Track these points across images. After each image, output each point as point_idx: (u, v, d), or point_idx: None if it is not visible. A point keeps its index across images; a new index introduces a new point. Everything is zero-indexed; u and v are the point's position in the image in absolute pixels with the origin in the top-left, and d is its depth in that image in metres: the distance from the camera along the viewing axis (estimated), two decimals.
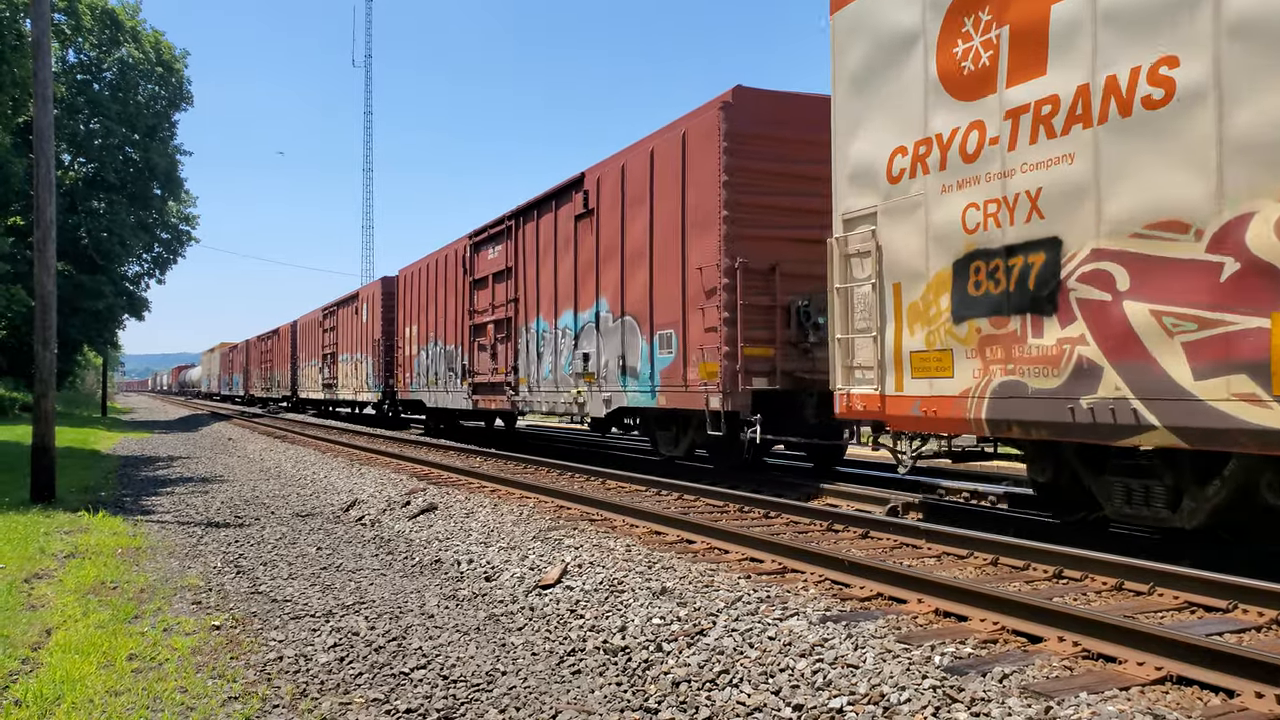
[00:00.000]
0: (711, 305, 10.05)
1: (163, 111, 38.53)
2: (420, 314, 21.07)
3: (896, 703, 3.75)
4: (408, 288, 22.40)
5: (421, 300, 21.00)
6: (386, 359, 24.33)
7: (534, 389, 14.65)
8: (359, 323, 27.37)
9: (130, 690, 4.43)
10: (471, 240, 17.54)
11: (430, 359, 20.12)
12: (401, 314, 22.97)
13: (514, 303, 15.46)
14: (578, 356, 13.07)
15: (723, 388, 9.80)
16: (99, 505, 10.71)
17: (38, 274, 11.32)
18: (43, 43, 11.29)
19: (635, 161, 11.78)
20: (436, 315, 19.77)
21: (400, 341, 22.83)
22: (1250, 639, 4.50)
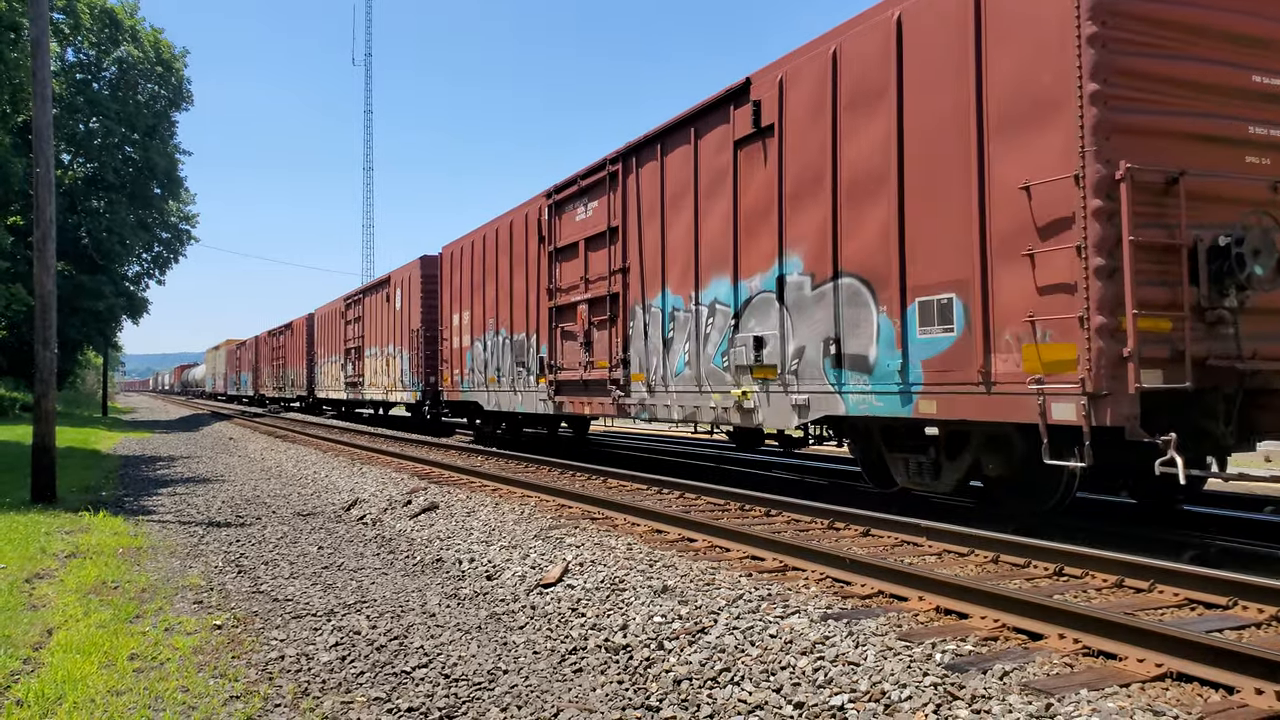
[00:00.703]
0: (1058, 248, 6.03)
1: (162, 111, 38.52)
2: (474, 297, 17.14)
3: (897, 700, 3.75)
4: (455, 267, 18.28)
5: (475, 280, 17.05)
6: (427, 352, 20.49)
7: (658, 388, 10.82)
8: (391, 312, 23.44)
9: (132, 690, 4.44)
10: (551, 199, 13.64)
11: (489, 351, 16.24)
12: (447, 299, 18.91)
13: (621, 274, 11.68)
14: (741, 342, 9.11)
15: (1092, 385, 5.79)
16: (100, 505, 10.72)
17: (37, 274, 11.32)
18: (41, 41, 11.29)
19: (860, 43, 7.73)
20: (498, 298, 15.80)
21: (445, 332, 18.90)
22: (1250, 636, 4.50)
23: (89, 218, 36.16)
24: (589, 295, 12.49)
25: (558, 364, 13.36)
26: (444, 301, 19.25)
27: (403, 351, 22.29)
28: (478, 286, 16.95)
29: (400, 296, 22.82)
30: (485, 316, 16.53)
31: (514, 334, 15.10)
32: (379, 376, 24.69)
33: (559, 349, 13.37)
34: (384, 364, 24.17)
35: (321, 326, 33.04)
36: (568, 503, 9.44)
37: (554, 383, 13.42)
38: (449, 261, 18.89)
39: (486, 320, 16.46)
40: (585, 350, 12.61)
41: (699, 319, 9.99)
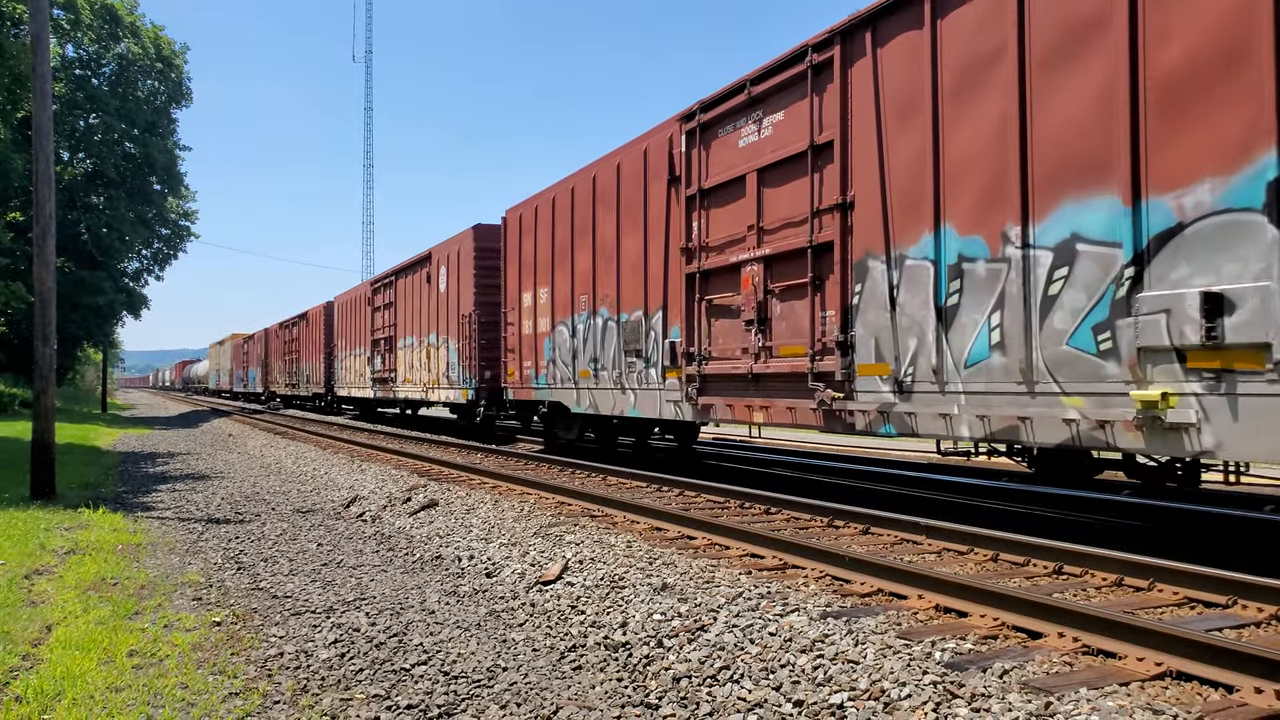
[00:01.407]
0: None
1: (162, 107, 38.52)
2: (555, 269, 13.67)
3: (897, 698, 3.75)
4: (526, 234, 14.75)
5: (558, 247, 13.56)
6: (483, 341, 17.13)
7: (921, 386, 7.11)
8: (433, 295, 19.97)
9: (131, 686, 4.43)
10: (691, 123, 9.97)
11: (581, 338, 12.82)
12: (514, 274, 15.32)
13: (837, 213, 7.93)
14: (1156, 305, 5.43)
15: None
16: (99, 501, 10.71)
17: (37, 270, 11.32)
18: (41, 38, 11.27)
19: None
20: (595, 267, 12.42)
21: (511, 315, 15.37)
22: (1250, 635, 4.50)
23: (89, 214, 36.16)
24: (765, 251, 8.87)
25: (702, 352, 9.88)
26: (509, 278, 15.54)
27: (449, 341, 18.78)
28: (562, 255, 13.41)
29: (446, 276, 19.17)
30: (575, 293, 13.01)
31: (621, 313, 11.66)
32: (416, 371, 21.22)
33: (703, 331, 9.87)
34: (423, 356, 20.71)
35: (343, 316, 29.47)
36: (567, 500, 9.44)
37: (695, 378, 9.92)
38: (516, 227, 15.20)
39: (577, 298, 12.96)
40: (757, 331, 8.99)
41: (1028, 271, 6.21)
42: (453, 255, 18.98)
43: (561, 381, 13.44)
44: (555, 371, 13.68)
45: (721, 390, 9.69)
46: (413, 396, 21.76)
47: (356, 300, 27.65)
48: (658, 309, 10.90)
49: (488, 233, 17.49)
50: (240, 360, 52.73)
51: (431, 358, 20.09)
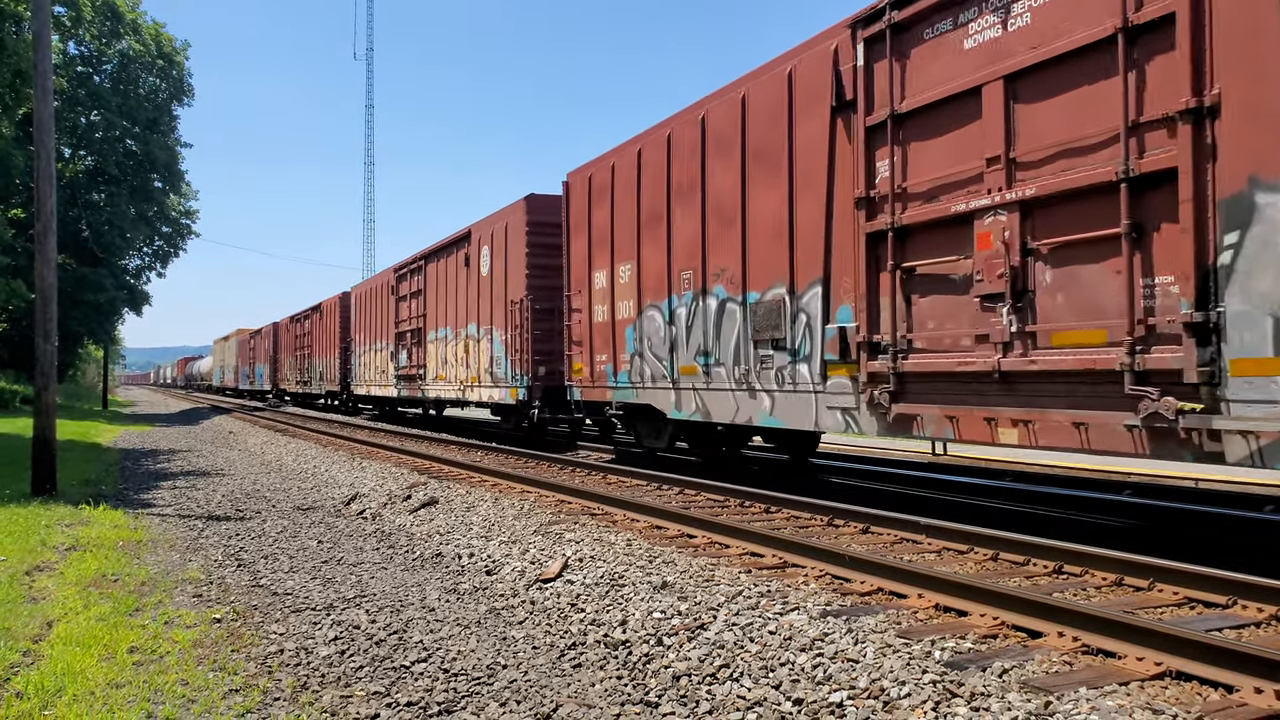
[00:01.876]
0: None
1: (163, 104, 38.55)
2: (641, 239, 11.10)
3: (896, 697, 3.75)
4: (599, 199, 12.22)
5: (647, 213, 10.98)
6: (538, 331, 14.81)
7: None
8: (473, 279, 17.41)
9: (131, 682, 4.44)
10: (886, 17, 7.30)
11: (683, 325, 10.23)
12: (580, 249, 12.73)
13: (1193, 123, 5.28)
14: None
15: None
16: (100, 498, 10.72)
17: (38, 267, 11.32)
18: (43, 34, 11.27)
19: None
20: (705, 233, 9.86)
21: (577, 300, 12.87)
22: (1249, 635, 4.50)
23: (90, 211, 36.18)
24: (1022, 193, 6.23)
25: (898, 341, 7.18)
26: (574, 255, 13.03)
27: (493, 333, 16.26)
28: (653, 221, 10.86)
29: (490, 256, 16.50)
30: (673, 268, 10.43)
31: (749, 291, 9.06)
32: (452, 367, 18.60)
33: (897, 312, 7.21)
34: (459, 351, 18.15)
35: (362, 307, 26.82)
36: (567, 498, 9.44)
37: (887, 377, 7.23)
38: (584, 194, 12.64)
39: (676, 275, 10.34)
40: (1009, 310, 6.31)
41: None
42: (498, 232, 16.09)
43: (653, 380, 10.90)
44: (642, 367, 11.14)
45: (935, 396, 6.91)
46: (446, 396, 19.24)
47: (378, 289, 24.92)
48: (812, 284, 8.20)
49: (543, 204, 14.77)
50: (247, 356, 50.04)
51: (471, 352, 17.46)
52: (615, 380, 11.85)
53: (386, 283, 23.92)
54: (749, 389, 9.10)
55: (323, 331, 31.90)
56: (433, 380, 19.92)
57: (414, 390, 21.34)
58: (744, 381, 9.17)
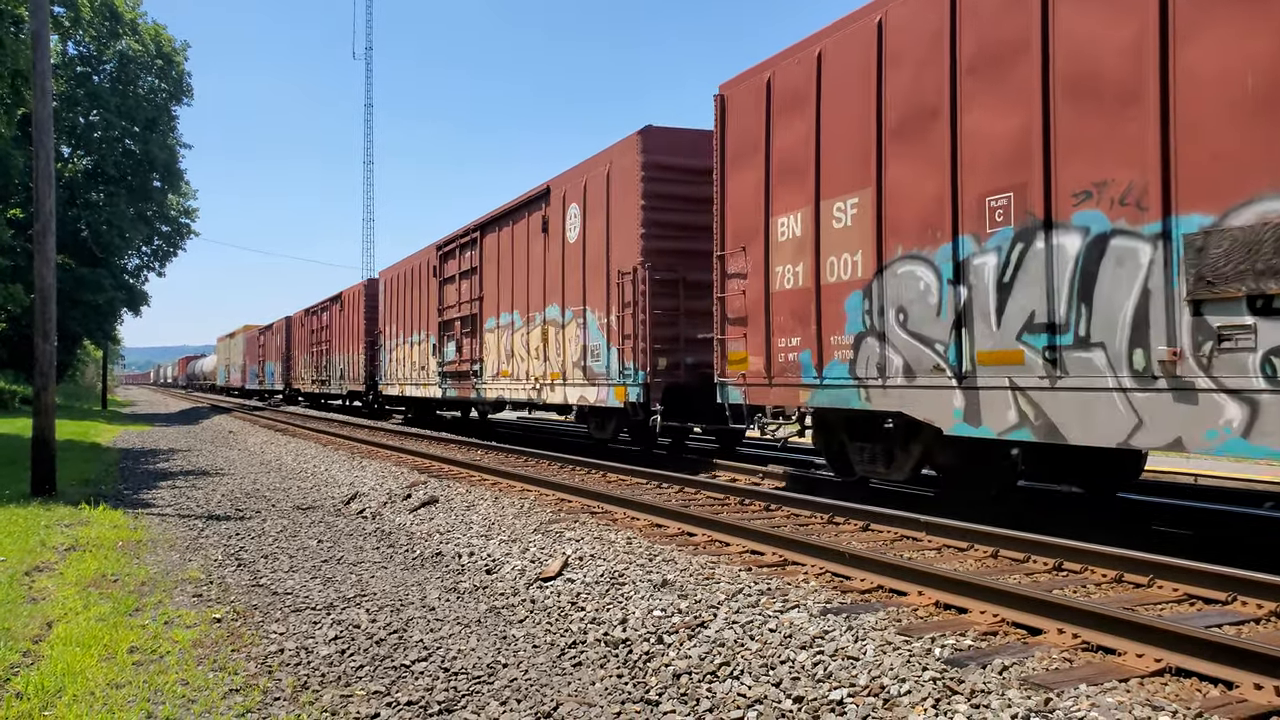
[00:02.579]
0: None
1: (163, 104, 38.54)
2: (895, 156, 7.57)
3: (897, 695, 3.75)
4: (795, 109, 8.75)
5: (895, 118, 7.56)
6: (657, 311, 11.37)
7: None
8: (555, 248, 13.74)
9: (131, 683, 4.44)
10: None
11: (1000, 281, 6.59)
12: (748, 187, 9.39)
13: None
14: None
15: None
16: (99, 498, 10.72)
17: (37, 266, 11.32)
18: (42, 34, 11.26)
19: None
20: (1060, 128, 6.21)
21: (736, 263, 9.58)
22: (1249, 631, 4.51)
23: (89, 211, 36.17)
24: None
25: None
26: (732, 197, 9.56)
27: (588, 315, 12.69)
28: (909, 125, 7.42)
29: (581, 217, 12.82)
30: (962, 192, 6.93)
31: (1176, 214, 5.52)
32: (523, 361, 15.12)
33: None
34: (534, 340, 14.67)
35: (393, 295, 23.42)
36: (567, 497, 9.44)
37: None
38: (757, 106, 9.24)
39: (971, 202, 6.86)
40: None
41: None
42: (595, 184, 12.45)
43: (907, 373, 7.39)
44: (884, 355, 7.56)
45: None
46: (512, 396, 15.75)
47: (415, 272, 21.45)
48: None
49: (665, 141, 11.41)
50: (256, 354, 46.68)
51: (552, 341, 13.96)
52: (820, 375, 8.22)
53: (426, 263, 20.30)
54: (1179, 388, 5.43)
55: (344, 324, 28.82)
56: (493, 377, 16.39)
57: (465, 389, 17.94)
58: (1159, 375, 5.53)
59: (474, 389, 17.47)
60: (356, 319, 27.30)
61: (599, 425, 13.96)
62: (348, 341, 28.34)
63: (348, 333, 28.36)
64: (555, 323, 14.05)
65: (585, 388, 12.94)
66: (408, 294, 22.19)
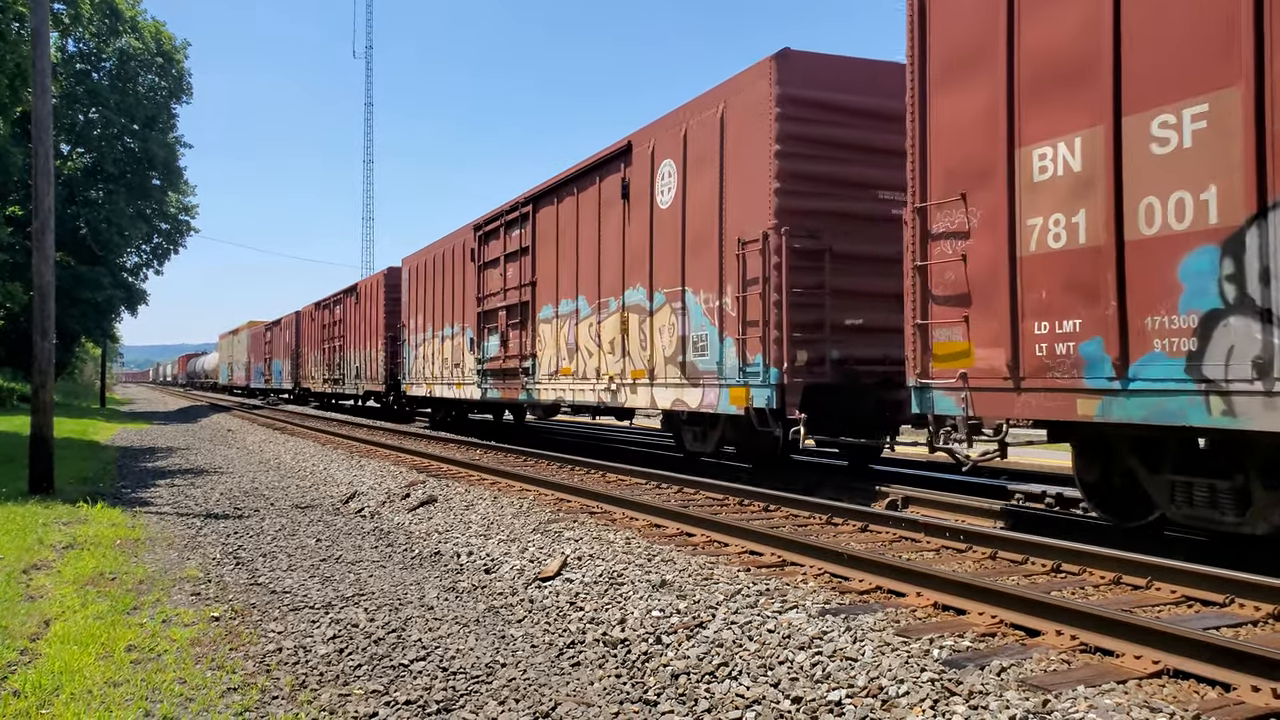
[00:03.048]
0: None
1: (162, 102, 38.52)
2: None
3: (895, 695, 3.75)
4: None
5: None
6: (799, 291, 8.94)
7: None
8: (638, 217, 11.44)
9: (129, 681, 4.43)
10: None
11: None
12: (962, 107, 6.77)
13: None
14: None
15: None
16: (97, 496, 10.71)
17: (36, 264, 11.31)
18: (41, 32, 11.26)
19: None
20: None
21: (954, 216, 6.83)
22: (1247, 633, 4.51)
23: (88, 208, 36.15)
24: None
25: None
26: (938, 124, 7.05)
27: (687, 298, 10.28)
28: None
29: (678, 175, 10.57)
30: None
31: None
32: (591, 358, 12.71)
33: None
34: (609, 330, 12.23)
35: (420, 283, 20.80)
36: (566, 497, 9.44)
37: None
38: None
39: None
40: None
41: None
42: (699, 133, 10.15)
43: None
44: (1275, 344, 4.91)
45: None
46: (578, 398, 13.17)
47: (446, 257, 18.94)
48: None
49: (806, 70, 9.05)
50: (262, 351, 44.18)
51: (634, 331, 11.57)
52: (1122, 375, 5.59)
53: (461, 246, 17.67)
54: None
55: (360, 319, 26.30)
56: (550, 376, 13.90)
57: (511, 390, 15.35)
58: None
59: (524, 389, 14.77)
60: (375, 312, 24.81)
61: (699, 436, 11.29)
62: (365, 337, 25.71)
63: (365, 328, 25.73)
64: (639, 309, 11.36)
65: (684, 389, 10.41)
66: (437, 282, 19.46)
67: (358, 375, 26.39)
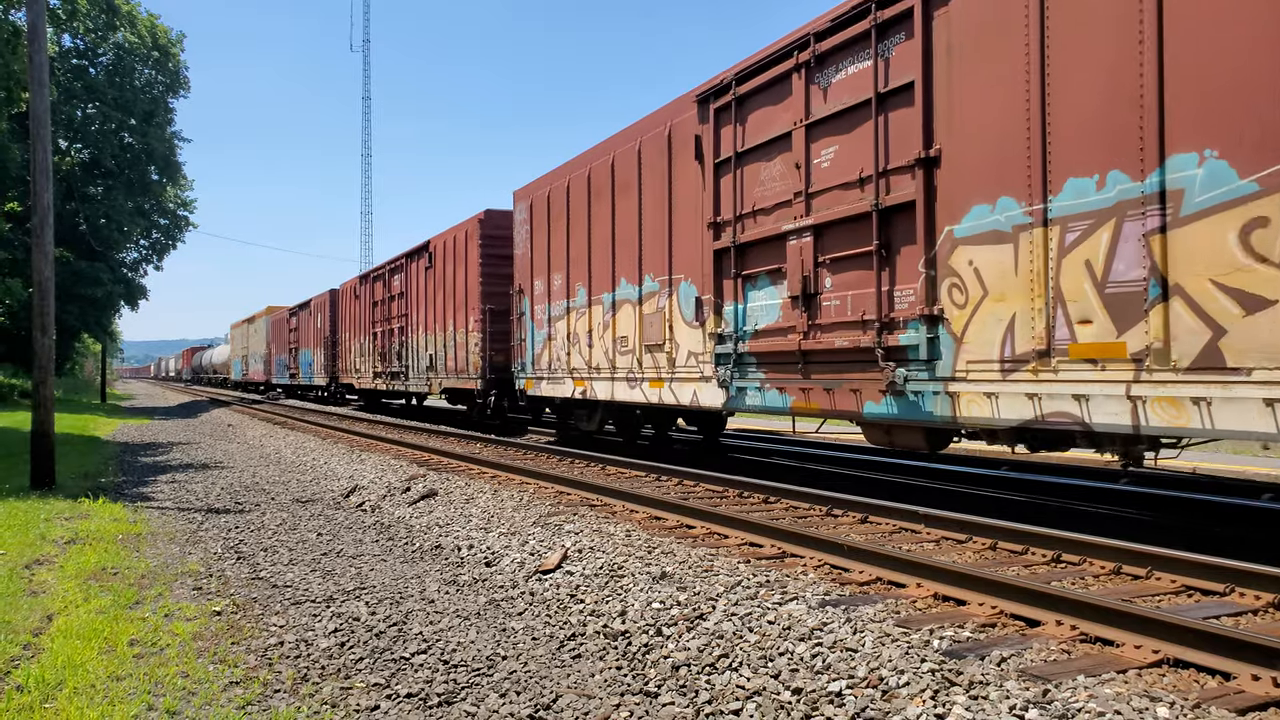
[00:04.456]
0: None
1: (159, 96, 38.42)
2: None
3: (895, 686, 3.76)
4: None
5: None
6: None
7: None
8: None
9: (132, 675, 4.45)
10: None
11: None
12: None
13: None
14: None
15: None
16: (99, 491, 10.72)
17: (35, 260, 11.30)
18: (38, 27, 11.23)
19: None
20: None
21: None
22: (1247, 622, 4.51)
23: (87, 204, 36.09)
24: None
25: None
26: None
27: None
28: None
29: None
30: None
31: None
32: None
33: None
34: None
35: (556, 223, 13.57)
36: (566, 490, 9.45)
37: None
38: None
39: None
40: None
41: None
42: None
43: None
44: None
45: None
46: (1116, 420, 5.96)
47: (629, 160, 11.39)
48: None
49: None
50: (284, 340, 37.40)
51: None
52: None
53: (666, 133, 10.49)
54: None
55: (435, 289, 19.27)
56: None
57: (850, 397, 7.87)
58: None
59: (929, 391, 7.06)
60: (461, 277, 17.64)
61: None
62: (443, 313, 18.76)
63: (442, 300, 18.81)
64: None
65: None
66: (608, 206, 11.90)
67: (430, 367, 19.48)
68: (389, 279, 22.85)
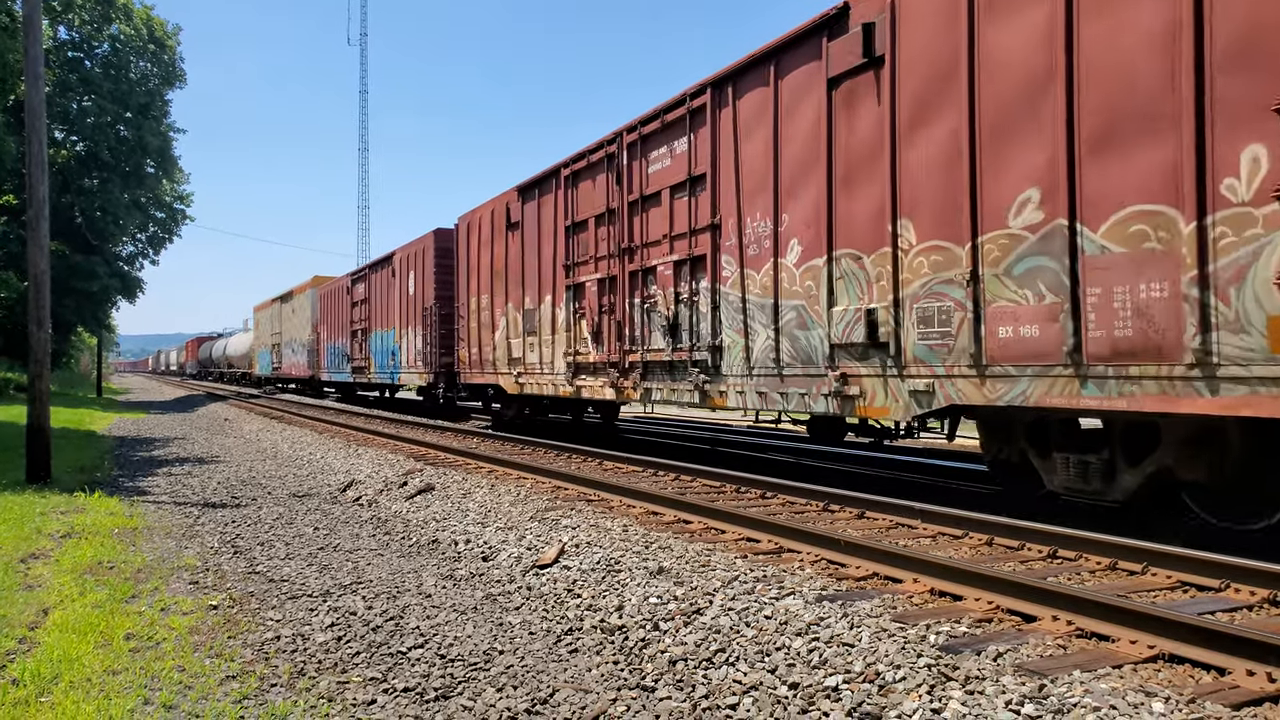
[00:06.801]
0: None
1: (155, 89, 38.27)
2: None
3: (891, 681, 3.77)
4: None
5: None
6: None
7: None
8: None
9: (128, 669, 4.44)
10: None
11: None
12: None
13: None
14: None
15: None
16: (95, 485, 10.71)
17: (31, 253, 11.26)
18: (34, 19, 11.18)
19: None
20: None
21: None
22: (1242, 618, 4.53)
23: (82, 197, 35.98)
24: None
25: None
26: None
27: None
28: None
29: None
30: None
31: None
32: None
33: None
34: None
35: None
36: (564, 484, 9.45)
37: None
38: None
39: None
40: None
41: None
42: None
43: None
44: None
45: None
46: None
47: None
48: None
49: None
50: (341, 321, 27.39)
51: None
52: None
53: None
54: None
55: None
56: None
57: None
58: None
59: None
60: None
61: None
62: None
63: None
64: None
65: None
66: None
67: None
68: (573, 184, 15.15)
